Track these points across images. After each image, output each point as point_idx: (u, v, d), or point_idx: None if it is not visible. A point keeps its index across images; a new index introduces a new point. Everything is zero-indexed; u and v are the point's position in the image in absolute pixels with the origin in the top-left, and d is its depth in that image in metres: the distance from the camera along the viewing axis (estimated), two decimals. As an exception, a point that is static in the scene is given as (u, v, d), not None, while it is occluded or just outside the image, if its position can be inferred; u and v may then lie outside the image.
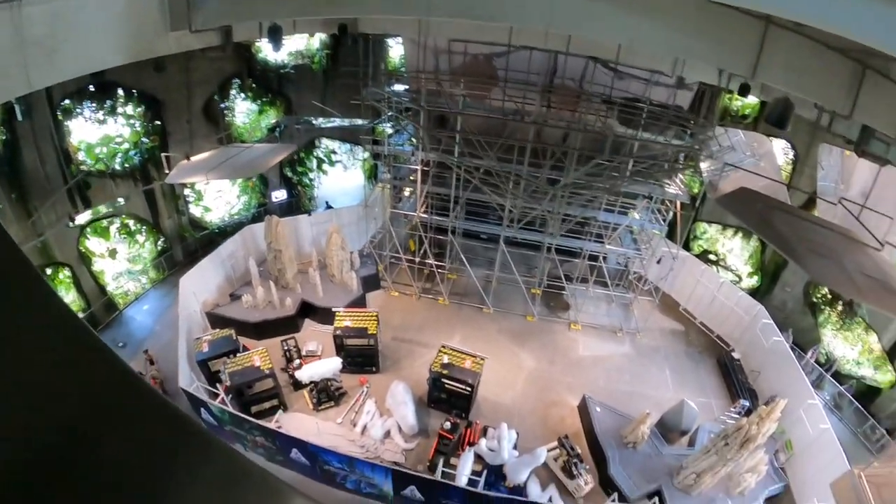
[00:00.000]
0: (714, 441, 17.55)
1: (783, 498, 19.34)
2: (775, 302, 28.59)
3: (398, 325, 23.99)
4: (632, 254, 25.81)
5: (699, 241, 31.97)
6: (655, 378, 23.73)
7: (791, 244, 13.76)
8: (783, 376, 22.25)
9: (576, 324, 25.57)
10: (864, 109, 13.44)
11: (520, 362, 23.07)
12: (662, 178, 23.83)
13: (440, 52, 22.73)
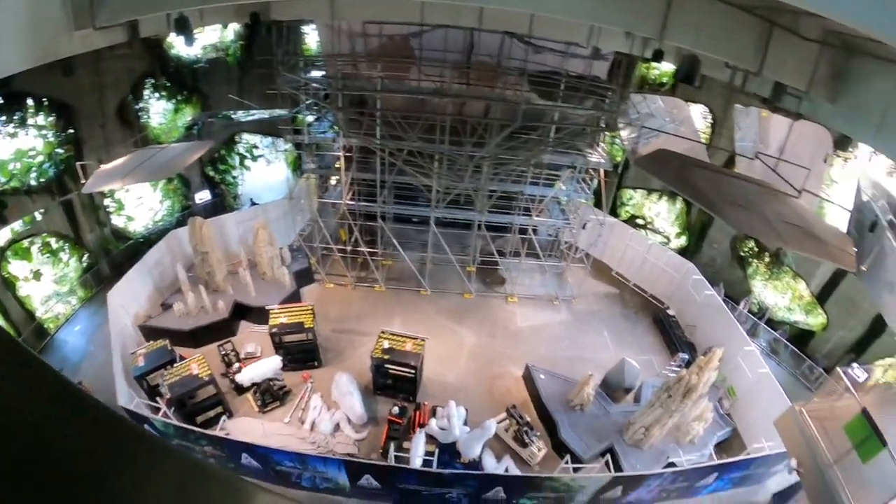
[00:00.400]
0: (657, 394, 18.02)
1: (732, 441, 20.14)
2: (704, 259, 29.56)
3: (336, 317, 23.65)
4: (561, 224, 26.11)
5: (626, 207, 32.66)
6: (594, 341, 24.26)
7: (710, 198, 14.11)
8: (718, 328, 23.15)
9: (512, 296, 25.85)
10: (773, 66, 13.76)
11: (461, 339, 23.15)
12: (584, 148, 24.16)
13: (355, 35, 22.38)
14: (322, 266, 25.96)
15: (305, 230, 26.36)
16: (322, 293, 25.21)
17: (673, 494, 18.12)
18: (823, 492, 12.47)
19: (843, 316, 24.20)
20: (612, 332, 24.95)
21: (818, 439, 13.04)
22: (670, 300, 26.60)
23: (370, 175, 23.65)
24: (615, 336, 24.74)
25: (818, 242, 14.75)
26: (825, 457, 12.65)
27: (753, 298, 27.14)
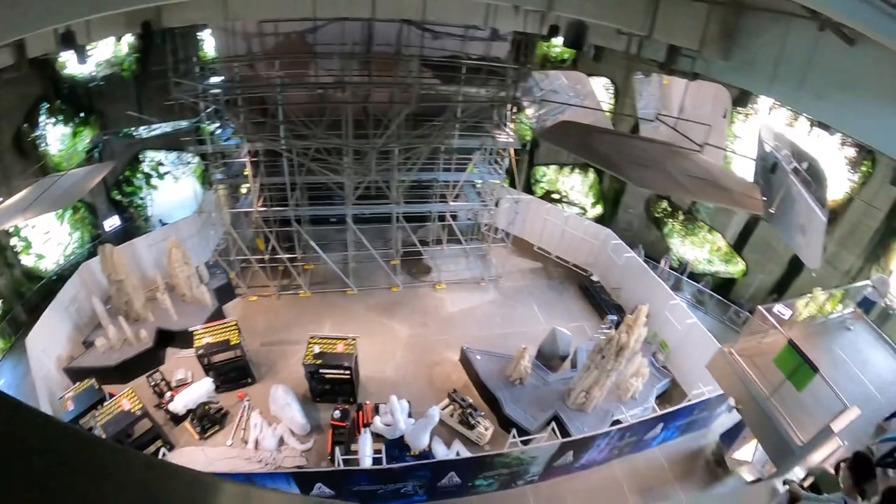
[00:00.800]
0: (592, 357, 18.34)
1: (673, 391, 21.00)
2: (622, 224, 30.38)
3: (263, 329, 22.90)
4: (478, 207, 26.30)
5: (540, 183, 33.14)
6: (525, 315, 24.61)
7: (613, 161, 14.53)
8: (642, 287, 23.99)
9: (440, 284, 25.81)
10: (664, 29, 14.21)
11: (394, 333, 22.93)
12: (491, 129, 24.39)
13: (251, 35, 21.68)
14: (243, 279, 25.05)
15: (221, 244, 25.43)
16: (246, 307, 24.31)
17: (624, 451, 18.52)
18: (764, 423, 12.87)
19: (761, 261, 25.39)
20: (541, 305, 25.34)
21: (751, 376, 13.49)
22: (593, 267, 27.32)
23: (279, 179, 22.94)
24: (544, 308, 25.13)
25: (725, 192, 15.36)
26: (761, 391, 13.08)
27: (673, 255, 28.23)
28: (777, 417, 12.47)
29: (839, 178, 22.92)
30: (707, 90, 19.45)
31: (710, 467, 19.16)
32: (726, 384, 14.71)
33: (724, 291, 26.69)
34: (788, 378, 12.47)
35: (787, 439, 12.02)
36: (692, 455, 19.55)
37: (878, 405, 14.24)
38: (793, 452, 11.45)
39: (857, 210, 22.54)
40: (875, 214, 21.92)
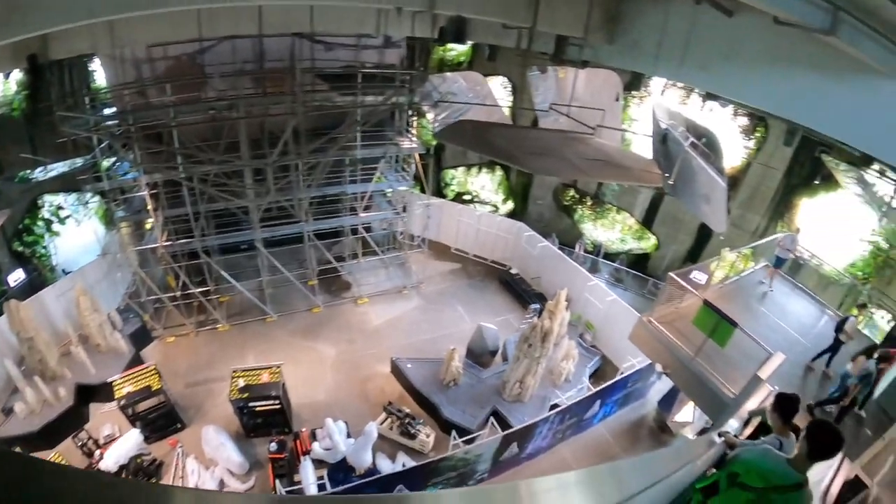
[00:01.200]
0: (519, 347, 18.43)
1: (605, 368, 21.50)
2: (533, 216, 30.80)
3: (186, 370, 21.69)
4: (390, 216, 26.04)
5: (451, 186, 33.29)
6: (450, 317, 24.53)
7: (510, 152, 14.90)
8: (560, 273, 24.65)
9: (361, 298, 25.32)
10: (547, 19, 14.31)
11: (320, 355, 22.30)
12: (394, 137, 24.31)
13: (140, 61, 20.69)
14: (157, 320, 23.57)
15: (131, 286, 24.04)
16: (165, 349, 22.87)
17: (567, 434, 18.76)
18: (695, 383, 13.11)
19: (671, 233, 26.51)
20: (465, 304, 25.38)
21: (673, 340, 13.79)
22: (511, 261, 27.62)
23: (182, 210, 21.79)
24: (469, 307, 25.16)
25: (623, 170, 16.25)
26: (685, 353, 13.36)
27: (586, 239, 29.10)
28: (705, 375, 12.78)
29: (735, 146, 24.09)
30: (599, 77, 20.47)
31: (655, 433, 19.70)
32: (651, 352, 15.06)
33: (641, 266, 27.81)
34: (710, 336, 12.79)
35: (718, 394, 12.32)
36: (635, 425, 20.07)
37: (802, 348, 14.84)
38: (726, 405, 11.69)
39: (756, 173, 23.78)
40: (773, 175, 23.18)
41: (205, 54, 20.93)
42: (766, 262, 18.92)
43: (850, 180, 21.11)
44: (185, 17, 17.51)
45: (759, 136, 23.41)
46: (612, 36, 16.11)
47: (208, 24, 17.89)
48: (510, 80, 29.35)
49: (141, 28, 18.00)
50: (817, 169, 22.41)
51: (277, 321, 23.99)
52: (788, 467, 4.77)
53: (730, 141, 23.51)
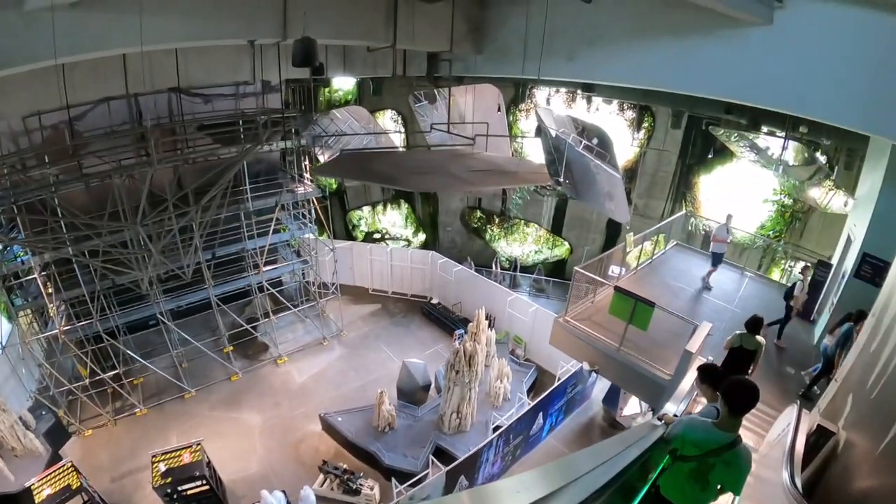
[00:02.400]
0: (447, 376, 17.64)
1: (543, 379, 21.12)
2: (446, 244, 30.63)
3: (109, 463, 19.68)
4: (298, 267, 24.89)
5: (359, 228, 32.61)
6: (377, 360, 23.51)
7: (389, 175, 15.19)
8: (480, 293, 24.28)
9: (281, 358, 23.92)
10: (407, 35, 13.85)
11: (247, 424, 20.81)
12: (287, 184, 23.32)
13: (17, 134, 18.97)
14: (72, 414, 21.32)
15: (40, 381, 21.77)
16: (84, 444, 20.78)
17: (518, 454, 17.89)
18: (626, 374, 12.42)
19: (581, 234, 26.79)
20: (391, 344, 24.45)
21: (594, 335, 13.04)
22: (431, 291, 27.06)
23: (79, 291, 20.06)
24: (395, 346, 24.24)
25: (509, 175, 16.50)
26: (610, 345, 12.61)
27: (501, 257, 29.19)
28: (635, 363, 12.08)
29: (627, 139, 24.59)
30: (481, 94, 20.31)
31: (607, 432, 19.06)
32: (574, 351, 14.30)
33: (559, 273, 28.01)
34: (630, 322, 12.08)
35: (653, 379, 11.62)
36: (585, 429, 19.48)
37: (732, 314, 14.62)
38: (664, 388, 10.97)
39: (652, 161, 24.28)
40: (669, 158, 23.69)
41: (81, 120, 19.48)
42: (676, 242, 18.73)
43: (743, 148, 21.38)
44: (53, 83, 16.37)
45: (647, 126, 24.00)
46: (480, 45, 15.92)
47: (75, 90, 17.03)
48: (399, 113, 29.12)
49: (13, 99, 16.96)
50: (708, 144, 22.85)
51: (197, 396, 22.33)
52: (717, 430, 4.91)
53: (621, 135, 24.01)
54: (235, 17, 12.46)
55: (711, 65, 10.25)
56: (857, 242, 13.26)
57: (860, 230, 13.39)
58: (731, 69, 9.99)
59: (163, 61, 17.70)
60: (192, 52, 17.58)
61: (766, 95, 9.79)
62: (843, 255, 14.78)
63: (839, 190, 18.20)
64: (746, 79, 9.84)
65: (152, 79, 17.87)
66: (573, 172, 25.50)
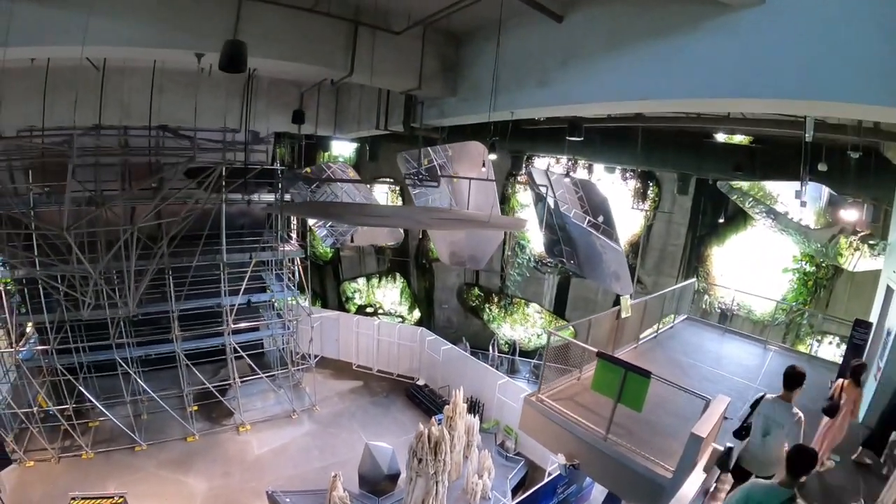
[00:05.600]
0: (410, 465, 14.77)
1: (534, 475, 18.08)
2: (441, 323, 28.35)
3: (40, 499, 17.31)
4: (278, 332, 22.25)
5: (353, 300, 30.58)
6: (347, 441, 20.38)
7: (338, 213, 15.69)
8: (469, 376, 21.19)
9: (243, 426, 20.91)
10: (365, 66, 12.08)
11: (190, 490, 17.98)
12: (272, 240, 21.30)
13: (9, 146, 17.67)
14: (19, 442, 19.15)
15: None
16: (22, 474, 18.42)
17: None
18: (615, 470, 8.69)
19: (584, 313, 23.37)
20: (366, 425, 21.36)
21: (576, 419, 9.47)
22: (418, 371, 23.99)
23: (40, 316, 18.34)
24: (370, 428, 21.14)
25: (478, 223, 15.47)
26: (595, 433, 9.07)
27: (500, 339, 26.54)
28: (626, 456, 8.45)
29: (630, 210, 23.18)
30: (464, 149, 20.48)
31: None
32: (549, 439, 10.52)
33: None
34: (620, 401, 8.63)
35: (649, 476, 8.03)
36: None
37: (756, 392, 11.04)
38: (663, 489, 7.42)
39: (660, 234, 22.65)
40: (678, 230, 22.07)
41: (70, 144, 17.80)
42: (687, 316, 16.30)
43: (760, 214, 19.86)
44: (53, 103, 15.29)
45: (653, 195, 22.39)
46: (454, 86, 13.62)
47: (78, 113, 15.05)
48: (395, 181, 27.61)
49: (12, 113, 15.62)
50: (719, 210, 21.51)
51: (148, 450, 19.70)
52: (778, 488, 5.23)
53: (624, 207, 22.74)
54: (185, 28, 10.89)
55: (699, 64, 7.94)
56: None
57: None
58: (722, 64, 7.69)
59: (157, 99, 16.36)
60: (182, 94, 16.62)
61: (768, 87, 7.24)
62: (884, 310, 12.18)
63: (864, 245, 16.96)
64: (742, 72, 7.46)
65: (141, 114, 16.72)
66: (577, 249, 23.17)
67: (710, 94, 8.11)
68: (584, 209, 22.66)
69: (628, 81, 9.18)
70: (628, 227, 23.75)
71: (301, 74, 17.33)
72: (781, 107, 7.84)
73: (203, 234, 18.87)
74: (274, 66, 12.60)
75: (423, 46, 12.36)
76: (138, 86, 16.41)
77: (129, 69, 16.04)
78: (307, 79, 17.61)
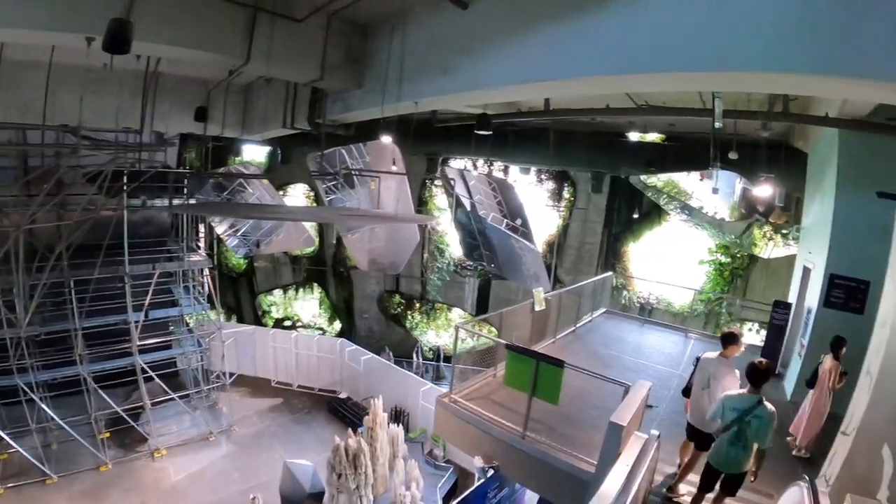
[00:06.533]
0: (329, 482, 14.46)
1: (464, 481, 17.08)
2: (363, 332, 27.72)
3: None
4: (190, 350, 20.83)
5: (270, 314, 29.40)
6: (268, 462, 19.29)
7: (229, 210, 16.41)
8: (391, 385, 20.65)
9: (159, 451, 19.60)
10: (262, 53, 11.48)
11: (105, 525, 16.80)
12: (179, 251, 20.18)
13: None
14: None
15: None
16: None
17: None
18: (535, 470, 8.23)
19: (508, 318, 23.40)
20: (287, 443, 20.29)
21: (488, 416, 8.93)
22: (340, 384, 23.00)
23: None
24: (292, 446, 20.09)
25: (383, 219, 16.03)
26: (513, 431, 8.53)
27: (424, 346, 26.29)
28: (548, 453, 7.98)
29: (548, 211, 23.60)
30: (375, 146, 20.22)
31: None
32: (465, 442, 9.99)
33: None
34: (535, 394, 8.17)
35: (573, 473, 7.62)
36: None
37: (679, 379, 11.20)
38: (587, 485, 6.97)
39: (576, 234, 22.83)
40: (594, 229, 22.33)
41: None
42: (606, 309, 16.40)
43: (675, 210, 20.40)
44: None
45: (569, 195, 22.76)
46: (360, 79, 13.11)
47: None
48: (311, 188, 26.92)
49: None
50: (633, 206, 21.95)
51: (59, 483, 18.13)
52: (747, 394, 6.39)
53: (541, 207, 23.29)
54: (74, 9, 9.98)
55: (604, 41, 7.69)
56: (819, 268, 11.22)
57: (818, 255, 11.43)
58: (626, 41, 7.44)
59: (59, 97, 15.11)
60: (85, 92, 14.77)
61: (679, 60, 7.01)
62: (803, 289, 12.79)
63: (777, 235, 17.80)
64: (647, 47, 7.24)
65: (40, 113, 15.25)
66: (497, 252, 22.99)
67: (616, 70, 7.85)
68: (503, 212, 22.60)
69: (533, 64, 8.90)
70: (545, 227, 23.97)
71: (208, 72, 16.61)
72: (688, 81, 7.66)
73: (104, 244, 17.52)
74: (170, 53, 11.61)
75: (326, 36, 11.88)
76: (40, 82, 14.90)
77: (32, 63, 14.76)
78: (214, 76, 16.69)
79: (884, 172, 9.67)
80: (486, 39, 9.50)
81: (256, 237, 23.51)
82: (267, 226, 22.39)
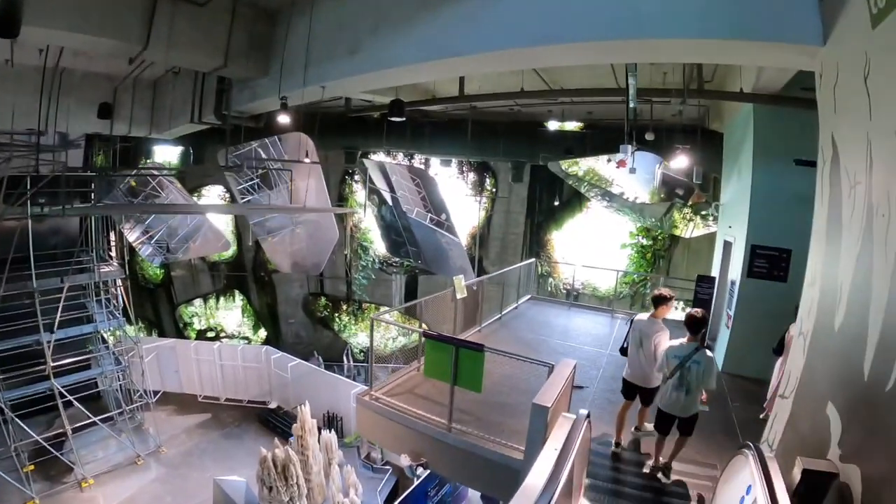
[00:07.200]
0: (261, 496, 13.85)
1: (404, 482, 16.79)
2: (291, 339, 26.99)
3: None
4: (109, 369, 19.62)
5: (192, 325, 28.32)
6: (200, 482, 18.25)
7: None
8: (323, 390, 20.24)
9: (86, 480, 18.30)
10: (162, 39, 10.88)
11: (35, 565, 15.63)
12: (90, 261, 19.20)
13: None
14: None
15: None
16: None
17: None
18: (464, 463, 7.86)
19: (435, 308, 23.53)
20: (218, 460, 19.39)
21: (411, 411, 8.51)
22: (270, 394, 22.12)
23: None
24: (223, 463, 19.20)
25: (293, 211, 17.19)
26: (437, 423, 8.12)
27: (354, 347, 25.89)
28: (476, 444, 7.65)
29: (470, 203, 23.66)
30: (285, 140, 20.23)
31: None
32: (389, 440, 9.56)
33: None
34: (457, 383, 7.85)
35: (503, 462, 7.38)
36: None
37: (609, 358, 11.52)
38: (517, 472, 6.64)
39: (499, 224, 23.10)
40: (517, 219, 22.57)
41: None
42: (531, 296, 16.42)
43: (596, 196, 20.73)
44: None
45: (490, 186, 23.06)
46: (266, 66, 12.65)
47: None
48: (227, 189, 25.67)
49: None
50: (554, 194, 22.34)
51: None
52: (688, 343, 6.92)
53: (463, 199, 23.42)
54: None
55: (511, 14, 7.68)
56: (740, 241, 11.53)
57: (739, 228, 11.79)
58: (534, 12, 7.49)
59: None
60: None
61: (593, 27, 6.98)
62: (725, 263, 13.13)
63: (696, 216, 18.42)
64: (562, 13, 7.24)
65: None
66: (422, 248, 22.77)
67: (527, 41, 7.66)
68: (427, 207, 22.39)
69: (440, 40, 8.67)
70: (469, 219, 24.12)
71: (115, 67, 15.56)
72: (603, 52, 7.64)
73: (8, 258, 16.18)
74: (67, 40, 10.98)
75: (231, 21, 11.41)
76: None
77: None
78: (120, 71, 15.71)
79: (798, 142, 9.74)
80: (393, 18, 9.26)
81: (172, 243, 22.46)
82: (182, 231, 21.66)
